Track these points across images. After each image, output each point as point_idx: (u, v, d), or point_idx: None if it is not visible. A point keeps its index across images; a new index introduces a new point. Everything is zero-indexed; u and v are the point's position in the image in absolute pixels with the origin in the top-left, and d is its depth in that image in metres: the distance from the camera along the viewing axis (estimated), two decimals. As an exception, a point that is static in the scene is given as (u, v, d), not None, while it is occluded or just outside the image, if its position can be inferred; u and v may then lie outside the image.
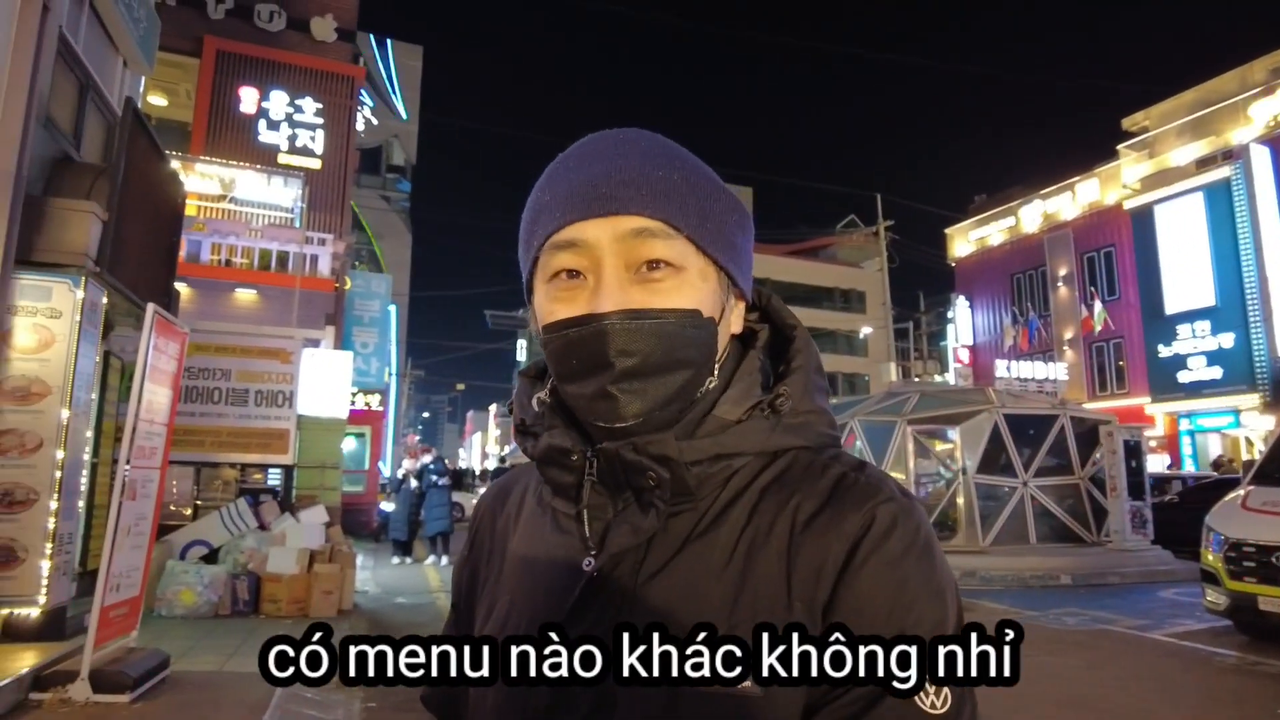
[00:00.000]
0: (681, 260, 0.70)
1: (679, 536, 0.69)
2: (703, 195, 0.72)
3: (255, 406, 10.59)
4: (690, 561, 0.68)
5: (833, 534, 0.66)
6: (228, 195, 16.99)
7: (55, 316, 5.91)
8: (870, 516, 0.67)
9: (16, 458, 5.68)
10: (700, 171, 0.74)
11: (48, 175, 6.77)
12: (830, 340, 54.05)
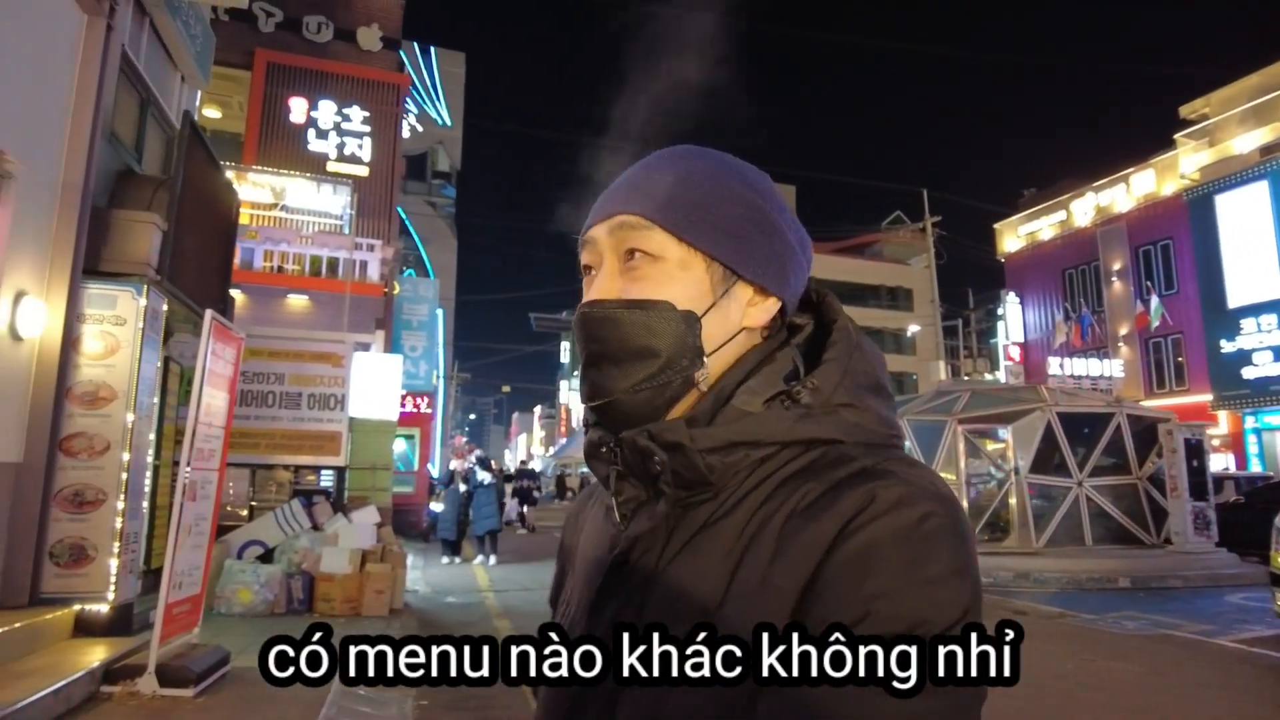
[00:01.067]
0: (660, 250, 0.73)
1: (696, 524, 0.70)
2: (697, 190, 0.74)
3: (308, 409, 10.83)
4: (700, 548, 0.69)
5: (827, 513, 0.64)
6: (279, 203, 17.40)
7: (120, 324, 6.12)
8: (870, 495, 0.64)
9: (86, 460, 5.90)
10: (706, 171, 0.76)
11: (111, 188, 7.02)
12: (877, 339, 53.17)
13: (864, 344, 0.77)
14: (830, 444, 0.70)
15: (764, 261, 0.75)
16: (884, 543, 0.62)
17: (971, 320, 39.16)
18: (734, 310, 0.75)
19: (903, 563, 0.61)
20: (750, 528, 0.68)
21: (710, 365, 0.73)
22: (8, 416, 5.52)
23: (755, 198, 0.76)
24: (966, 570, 0.64)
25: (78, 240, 5.97)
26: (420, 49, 49.18)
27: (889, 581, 0.61)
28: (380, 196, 19.09)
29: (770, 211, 0.76)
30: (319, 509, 9.71)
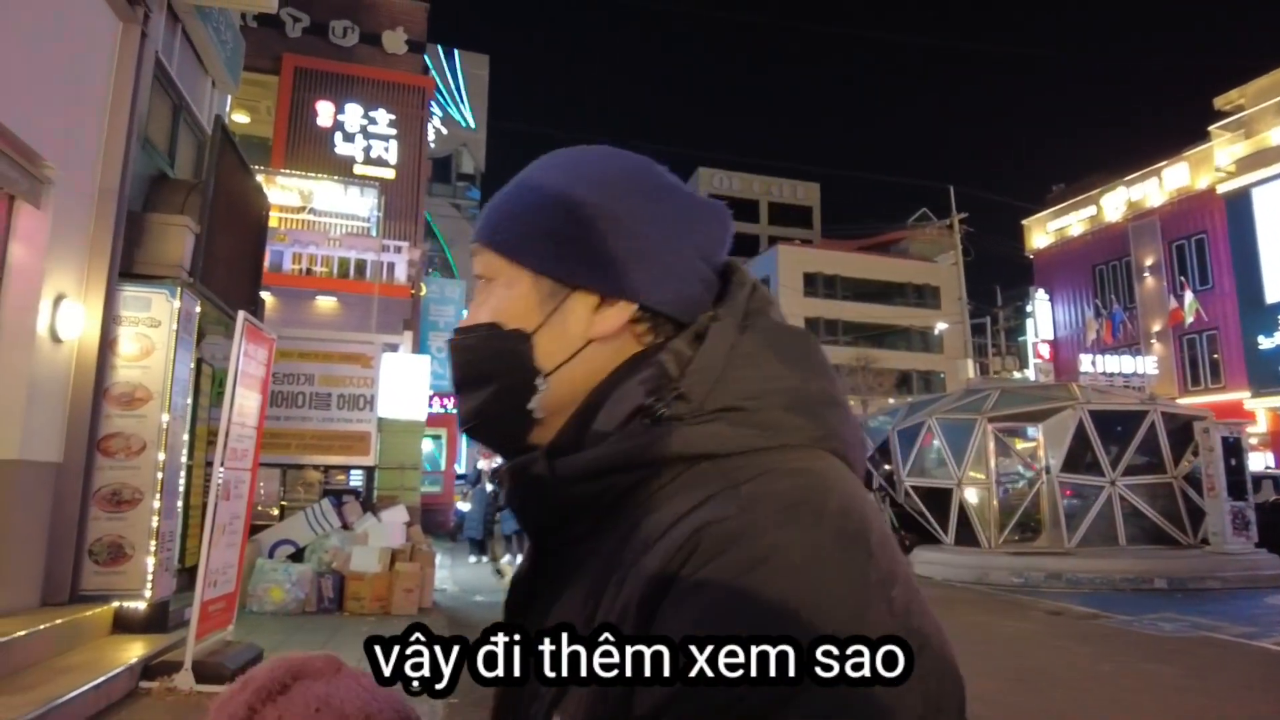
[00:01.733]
0: (491, 271, 0.70)
1: (571, 565, 0.64)
2: (519, 201, 0.69)
3: (337, 410, 10.93)
4: (567, 594, 0.63)
5: (657, 556, 0.54)
6: (307, 206, 17.58)
7: (154, 325, 6.21)
8: (701, 524, 0.54)
9: (123, 459, 5.99)
10: (534, 180, 0.70)
11: (146, 192, 7.13)
12: (904, 337, 52.89)
13: (760, 327, 0.65)
14: (704, 459, 0.59)
15: (598, 265, 0.66)
16: (698, 591, 0.51)
17: (1000, 318, 38.69)
18: (573, 323, 0.67)
19: (712, 617, 0.50)
20: (605, 571, 0.59)
21: (553, 386, 0.66)
22: (48, 417, 5.62)
23: (586, 195, 0.67)
24: (802, 623, 0.49)
25: (114, 244, 6.07)
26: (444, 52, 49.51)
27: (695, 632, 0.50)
28: (407, 199, 19.24)
29: (606, 207, 0.66)
30: (349, 508, 9.80)
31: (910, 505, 15.48)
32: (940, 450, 15.11)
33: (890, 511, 16.75)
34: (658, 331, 0.67)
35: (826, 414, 0.63)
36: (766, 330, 0.65)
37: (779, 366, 0.63)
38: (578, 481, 0.62)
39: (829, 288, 53.39)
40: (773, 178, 70.79)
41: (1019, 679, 6.25)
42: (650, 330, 0.67)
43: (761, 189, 70.71)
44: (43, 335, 5.46)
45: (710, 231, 0.70)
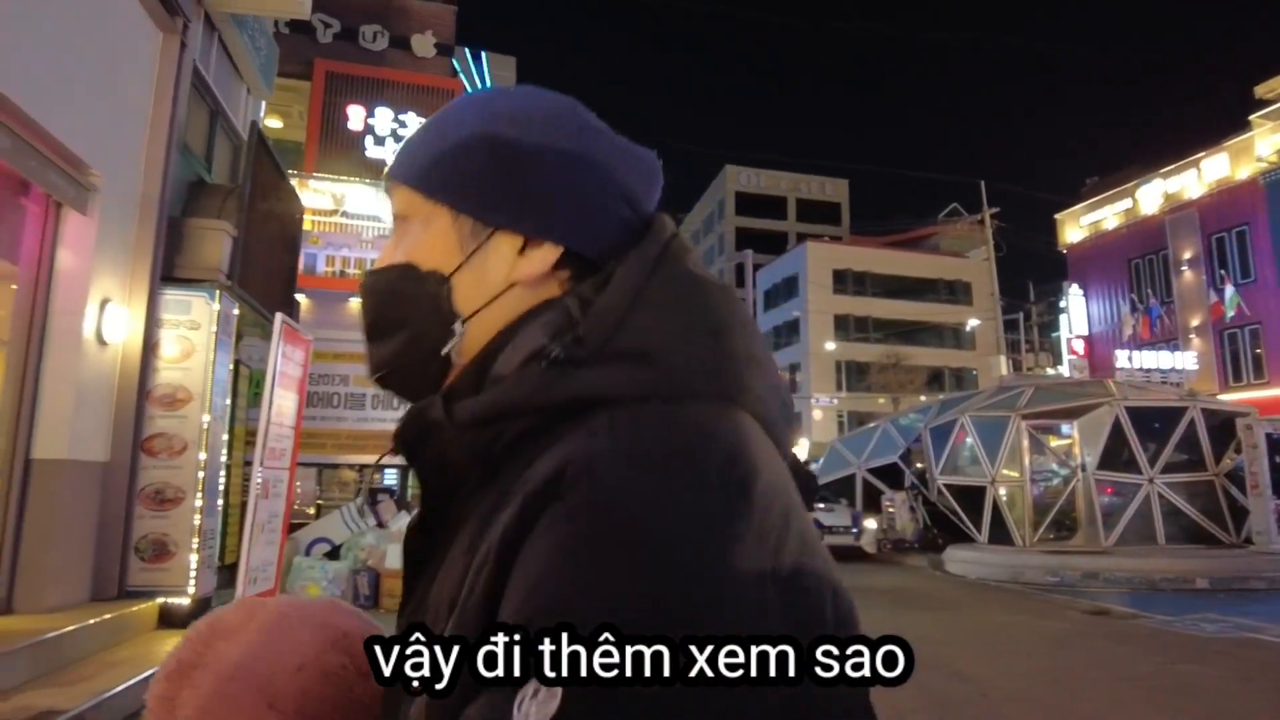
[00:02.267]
0: (407, 210, 0.66)
1: (462, 519, 0.59)
2: (441, 138, 0.66)
3: (371, 409, 11.09)
4: (453, 547, 0.59)
5: (517, 492, 0.51)
6: (339, 209, 17.82)
7: (194, 328, 6.36)
8: (562, 464, 0.50)
9: (166, 459, 6.14)
10: (456, 117, 0.67)
11: (184, 197, 7.28)
12: (935, 334, 52.35)
13: (672, 274, 0.61)
14: (598, 405, 0.54)
15: (524, 205, 0.63)
16: (558, 526, 0.48)
17: (1033, 313, 38.12)
18: (495, 265, 0.63)
19: (571, 549, 0.47)
20: (483, 524, 0.55)
21: (471, 330, 0.63)
22: (96, 418, 5.77)
23: (511, 133, 0.64)
24: (647, 559, 0.46)
25: (155, 249, 6.22)
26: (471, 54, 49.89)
27: (550, 570, 0.47)
28: (436, 200, 19.41)
29: (532, 146, 0.63)
30: (383, 507, 9.94)
31: (943, 504, 15.34)
32: (973, 448, 14.95)
33: (923, 510, 16.63)
34: (582, 278, 0.63)
35: (740, 369, 0.59)
36: (679, 277, 0.61)
37: (689, 316, 0.59)
38: (470, 427, 0.58)
39: (859, 284, 52.97)
40: (801, 174, 70.35)
41: (1054, 679, 6.18)
42: (573, 276, 0.64)
43: (789, 186, 70.35)
44: (89, 339, 5.61)
45: (637, 179, 0.67)
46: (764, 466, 0.52)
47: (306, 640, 0.65)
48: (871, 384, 46.05)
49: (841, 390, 48.42)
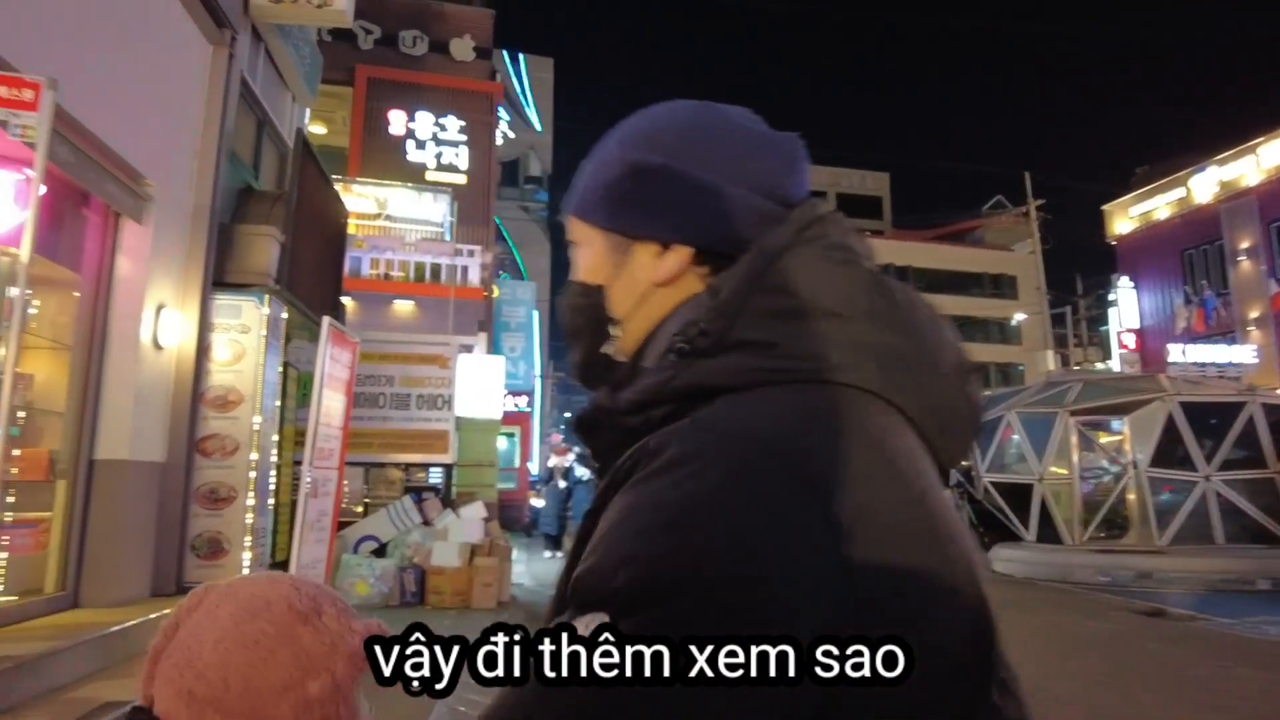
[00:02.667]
0: (576, 236, 0.76)
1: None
2: (588, 169, 0.76)
3: (417, 410, 11.24)
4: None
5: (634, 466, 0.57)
6: (383, 213, 18.13)
7: (245, 331, 6.54)
8: (665, 441, 0.56)
9: (219, 459, 6.33)
10: (601, 145, 0.76)
11: (234, 204, 7.49)
12: (981, 328, 51.45)
13: (800, 259, 0.63)
14: (721, 393, 0.59)
15: (654, 215, 0.70)
16: (637, 485, 0.55)
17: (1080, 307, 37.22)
18: (639, 271, 0.71)
19: (643, 504, 0.53)
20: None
21: (627, 329, 0.72)
22: (153, 420, 5.98)
23: (643, 154, 0.71)
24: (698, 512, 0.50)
25: (207, 255, 6.41)
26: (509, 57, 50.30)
27: (623, 521, 0.53)
28: (478, 203, 19.65)
29: (658, 161, 0.69)
30: (429, 505, 10.08)
31: (990, 502, 15.10)
32: (1020, 445, 14.69)
33: (969, 509, 16.38)
34: (720, 272, 0.67)
35: (858, 355, 0.60)
36: (802, 265, 0.63)
37: (807, 302, 0.61)
38: (625, 414, 0.64)
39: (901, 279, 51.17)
40: (840, 168, 69.66)
41: (1106, 682, 6.06)
42: (712, 272, 0.68)
43: (829, 180, 69.59)
44: (146, 343, 5.81)
45: (775, 166, 0.71)
46: (830, 454, 0.54)
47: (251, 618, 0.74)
48: (916, 380, 45.36)
49: (885, 387, 47.78)
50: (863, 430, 0.56)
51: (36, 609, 5.06)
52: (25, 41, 4.41)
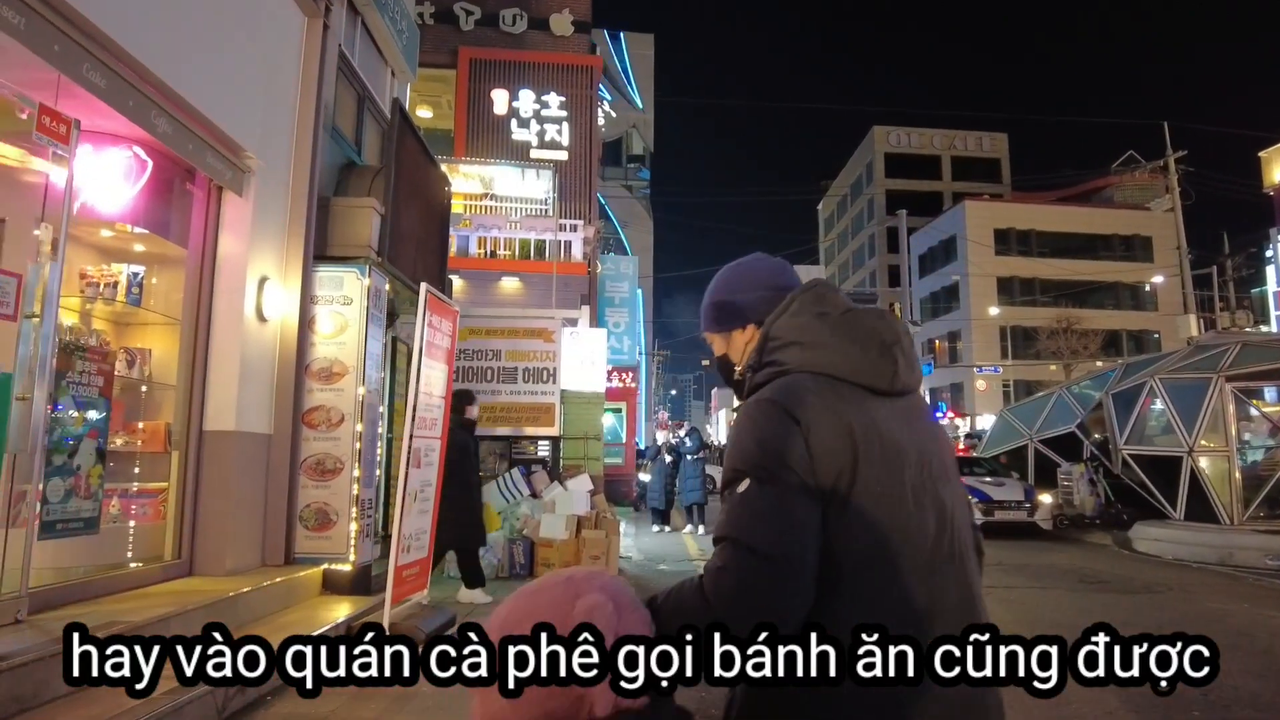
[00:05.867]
0: (710, 338, 1.66)
1: None
2: (704, 305, 1.65)
3: (524, 383, 11.26)
4: None
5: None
6: (488, 193, 18.30)
7: (347, 303, 6.52)
8: (745, 403, 1.44)
9: (325, 431, 6.36)
10: (707, 292, 1.66)
11: (336, 179, 7.51)
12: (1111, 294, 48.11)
13: (786, 317, 1.46)
14: (761, 383, 1.44)
15: (738, 319, 1.58)
16: (731, 429, 1.49)
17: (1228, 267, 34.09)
18: (737, 340, 1.59)
19: (733, 434, 1.39)
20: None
21: (739, 363, 1.58)
22: (259, 393, 6.03)
23: (714, 296, 1.62)
24: (756, 436, 1.31)
25: (308, 227, 6.41)
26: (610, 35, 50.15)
27: (730, 443, 1.38)
28: (580, 178, 19.57)
29: (721, 296, 1.61)
30: (537, 478, 10.03)
31: (1129, 476, 13.92)
32: (1166, 414, 13.45)
33: (1104, 484, 15.18)
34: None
35: (806, 355, 1.40)
36: (790, 319, 1.45)
37: (793, 334, 1.43)
38: (743, 390, 1.53)
39: (1023, 244, 49.43)
40: (955, 130, 66.36)
41: (1289, 674, 5.31)
42: (758, 332, 1.54)
43: (943, 144, 66.48)
44: (250, 316, 5.85)
45: (781, 278, 1.58)
46: (790, 401, 1.32)
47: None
48: (1040, 350, 42.84)
49: (1006, 358, 45.43)
50: (811, 390, 1.33)
51: (153, 575, 5.17)
52: (125, 16, 4.39)
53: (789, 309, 1.44)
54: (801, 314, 1.42)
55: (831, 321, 1.39)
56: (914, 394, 1.43)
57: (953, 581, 1.30)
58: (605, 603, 1.02)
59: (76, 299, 5.51)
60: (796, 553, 1.21)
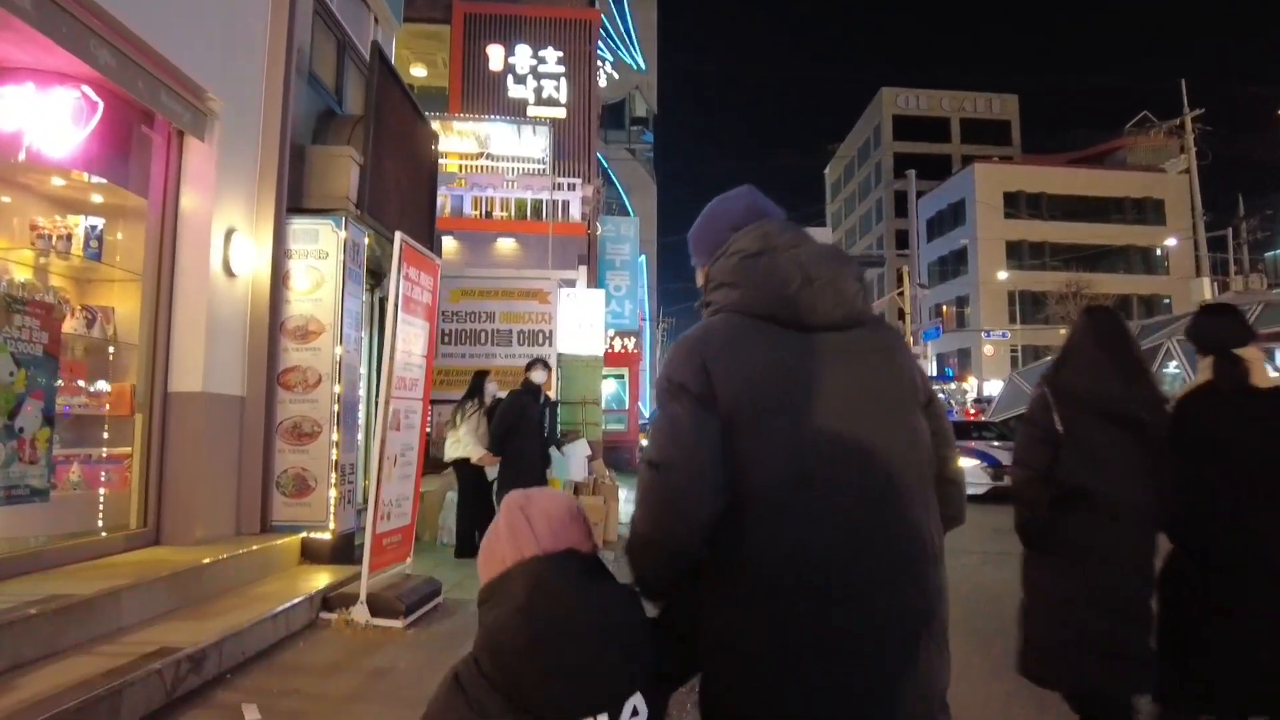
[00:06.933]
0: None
1: None
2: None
3: (519, 346, 10.94)
4: None
5: None
6: (484, 152, 17.78)
7: (323, 257, 6.15)
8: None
9: (302, 393, 6.02)
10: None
11: (313, 128, 7.09)
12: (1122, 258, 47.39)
13: (725, 255, 1.48)
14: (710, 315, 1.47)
15: (700, 256, 1.63)
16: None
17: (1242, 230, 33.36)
18: (701, 278, 1.60)
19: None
20: None
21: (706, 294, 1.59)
22: (230, 352, 5.68)
23: (692, 233, 1.66)
24: (669, 363, 1.39)
25: (280, 177, 6.01)
26: (612, -5, 49.01)
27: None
28: (578, 137, 19.04)
29: (696, 235, 1.64)
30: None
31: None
32: (1183, 376, 13.05)
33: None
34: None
35: (730, 295, 1.43)
36: (725, 260, 1.46)
37: (725, 274, 1.45)
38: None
39: (1033, 207, 48.58)
40: (964, 92, 65.09)
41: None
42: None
43: (952, 105, 65.25)
44: (217, 270, 5.48)
45: (743, 221, 1.52)
46: (709, 334, 1.38)
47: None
48: (1049, 315, 42.25)
49: (1014, 323, 44.83)
50: (721, 329, 1.37)
51: (116, 545, 4.86)
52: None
53: (728, 249, 1.45)
54: (734, 254, 1.43)
55: (762, 261, 1.39)
56: (856, 329, 1.39)
57: (877, 524, 1.26)
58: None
59: (29, 252, 5.17)
60: (684, 458, 1.26)
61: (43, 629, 3.47)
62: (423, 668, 4.23)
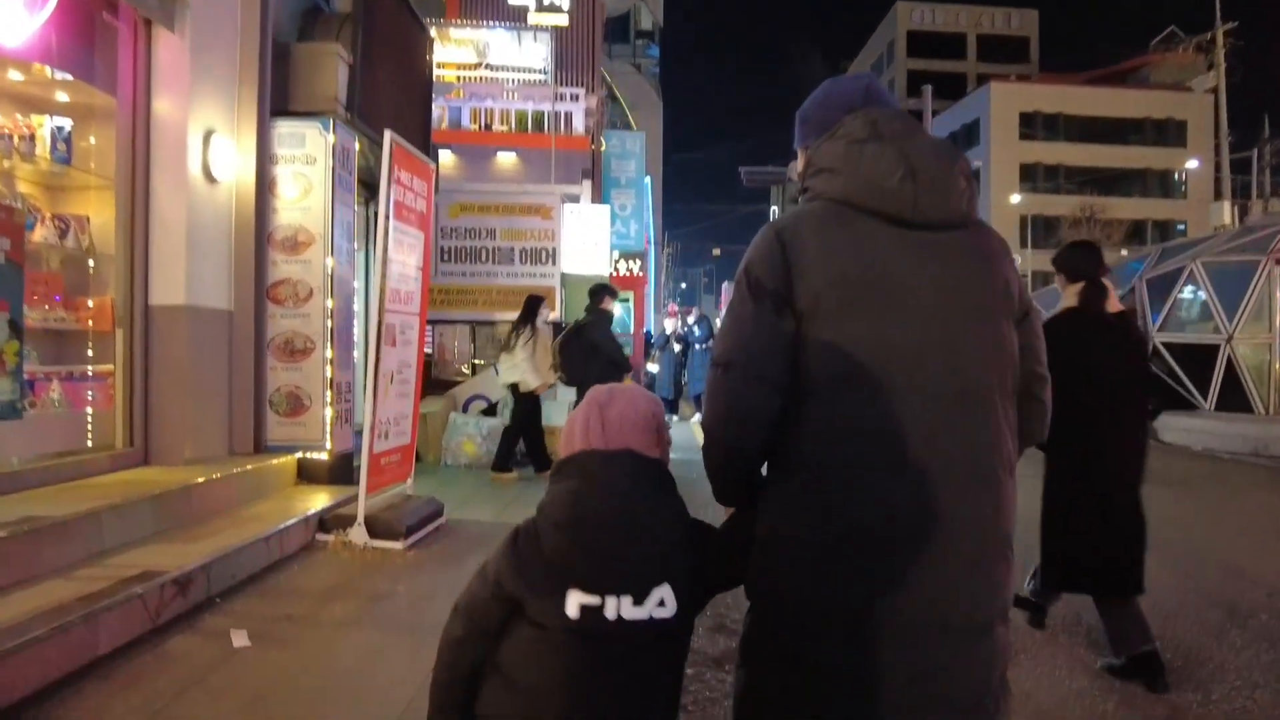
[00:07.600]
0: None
1: None
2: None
3: (521, 264, 10.58)
4: None
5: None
6: (483, 62, 17.01)
7: (311, 163, 5.75)
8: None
9: (292, 307, 5.72)
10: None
11: (299, 25, 6.59)
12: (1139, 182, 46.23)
13: (832, 140, 1.39)
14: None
15: (803, 137, 1.55)
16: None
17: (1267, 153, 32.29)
18: (801, 161, 1.53)
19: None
20: None
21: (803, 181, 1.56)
22: (214, 264, 5.36)
23: (800, 112, 1.58)
24: (740, 268, 1.36)
25: (261, 75, 5.58)
26: (619, -107, 46.58)
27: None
28: (582, 45, 18.24)
29: (803, 114, 1.56)
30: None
31: (1159, 365, 13.29)
32: (1206, 301, 12.69)
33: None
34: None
35: (831, 182, 1.34)
36: (829, 144, 1.38)
37: (827, 160, 1.37)
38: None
39: (1049, 128, 47.21)
40: (982, 6, 62.57)
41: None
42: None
43: (969, 21, 62.82)
44: (196, 175, 5.11)
45: (856, 104, 1.43)
46: (798, 221, 1.33)
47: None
48: (1062, 240, 41.48)
49: (1026, 248, 44.04)
50: (813, 216, 1.32)
51: (101, 466, 4.65)
52: None
53: (835, 134, 1.37)
54: (841, 138, 1.36)
55: (868, 149, 1.32)
56: (955, 230, 1.33)
57: (949, 426, 1.23)
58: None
59: (-13, 153, 4.80)
60: (746, 358, 1.28)
61: (15, 551, 3.27)
62: (422, 591, 4.06)
